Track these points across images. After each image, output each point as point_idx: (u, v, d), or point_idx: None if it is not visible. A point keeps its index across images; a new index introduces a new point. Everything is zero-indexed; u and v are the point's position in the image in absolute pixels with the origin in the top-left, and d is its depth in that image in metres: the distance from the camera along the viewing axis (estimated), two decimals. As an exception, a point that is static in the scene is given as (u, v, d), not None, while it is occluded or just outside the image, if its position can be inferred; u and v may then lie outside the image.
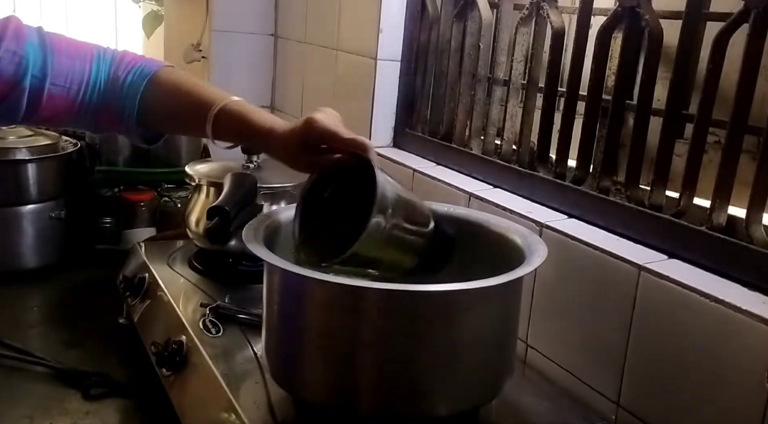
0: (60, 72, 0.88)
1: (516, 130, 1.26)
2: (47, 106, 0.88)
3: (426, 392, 0.81)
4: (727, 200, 0.91)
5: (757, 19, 0.86)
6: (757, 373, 0.78)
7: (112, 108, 0.92)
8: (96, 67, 0.91)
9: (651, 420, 0.91)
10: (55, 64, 0.88)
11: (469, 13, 1.35)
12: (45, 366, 1.27)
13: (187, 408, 1.01)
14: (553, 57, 1.16)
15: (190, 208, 1.39)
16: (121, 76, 0.92)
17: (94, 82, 0.91)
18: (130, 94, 0.92)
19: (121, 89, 0.92)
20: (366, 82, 1.53)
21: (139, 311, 1.28)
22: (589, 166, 1.11)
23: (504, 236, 0.95)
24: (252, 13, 1.95)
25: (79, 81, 0.90)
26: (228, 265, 1.32)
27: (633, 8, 1.01)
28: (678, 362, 0.87)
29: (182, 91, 0.93)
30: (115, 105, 0.92)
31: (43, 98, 0.87)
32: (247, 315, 1.12)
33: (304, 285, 0.82)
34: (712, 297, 0.82)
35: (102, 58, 0.92)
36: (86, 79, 0.90)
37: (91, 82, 0.90)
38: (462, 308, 0.79)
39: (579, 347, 1.02)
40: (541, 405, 0.99)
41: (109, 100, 0.92)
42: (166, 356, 1.08)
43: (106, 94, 0.92)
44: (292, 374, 0.86)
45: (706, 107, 0.92)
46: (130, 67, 0.93)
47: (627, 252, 0.95)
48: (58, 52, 0.88)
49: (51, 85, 0.87)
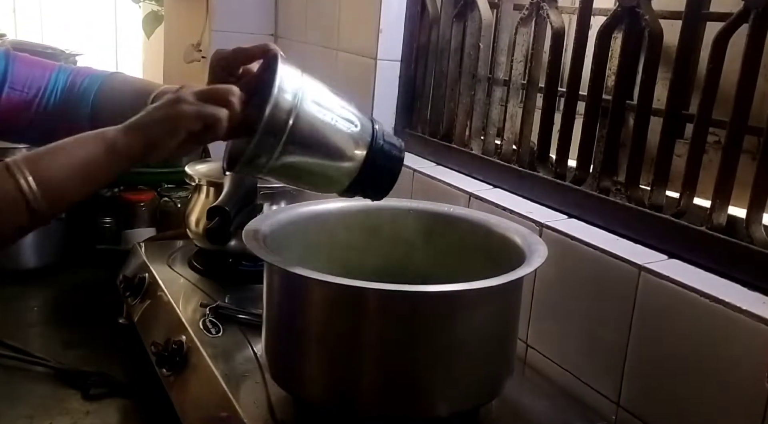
0: (19, 78, 0.93)
1: (516, 131, 1.26)
2: (4, 107, 0.92)
3: (426, 392, 0.81)
4: (727, 200, 0.91)
5: (757, 18, 0.86)
6: (758, 373, 0.78)
7: (68, 112, 0.95)
8: (55, 75, 0.96)
9: (651, 420, 0.91)
10: (15, 70, 0.93)
11: (469, 13, 1.35)
12: (45, 366, 1.27)
13: (187, 408, 1.01)
14: (553, 57, 1.16)
15: (190, 209, 1.39)
16: (78, 81, 0.96)
17: (52, 89, 0.95)
18: (85, 94, 0.95)
19: (78, 91, 0.96)
20: (366, 82, 1.53)
21: (139, 311, 1.28)
22: (589, 166, 1.11)
23: (504, 236, 0.95)
24: (252, 13, 1.95)
25: (38, 86, 0.94)
26: (228, 265, 1.32)
27: (633, 8, 1.01)
28: (678, 362, 0.87)
29: (130, 84, 0.97)
30: (70, 108, 0.95)
31: (0, 99, 0.92)
32: (247, 315, 1.12)
33: (304, 285, 0.82)
34: (712, 297, 0.82)
35: (62, 69, 0.97)
36: (44, 85, 0.94)
37: (48, 88, 0.94)
38: (462, 308, 0.79)
39: (579, 347, 1.02)
40: (541, 405, 0.99)
41: (66, 105, 0.95)
42: (166, 356, 1.08)
43: (63, 99, 0.95)
44: (292, 374, 0.87)
45: (706, 107, 0.92)
46: (86, 74, 0.98)
47: (627, 252, 0.95)
48: (20, 62, 0.94)
49: (9, 89, 0.92)
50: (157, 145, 0.76)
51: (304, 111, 0.74)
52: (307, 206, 1.02)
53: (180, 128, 0.75)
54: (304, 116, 0.74)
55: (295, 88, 0.74)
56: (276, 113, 0.73)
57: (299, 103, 0.74)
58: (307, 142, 0.76)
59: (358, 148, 0.79)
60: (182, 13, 2.25)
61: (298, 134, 0.74)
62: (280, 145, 0.74)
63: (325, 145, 0.77)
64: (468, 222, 1.01)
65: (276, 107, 0.72)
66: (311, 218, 1.01)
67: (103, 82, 0.96)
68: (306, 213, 1.01)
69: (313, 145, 0.76)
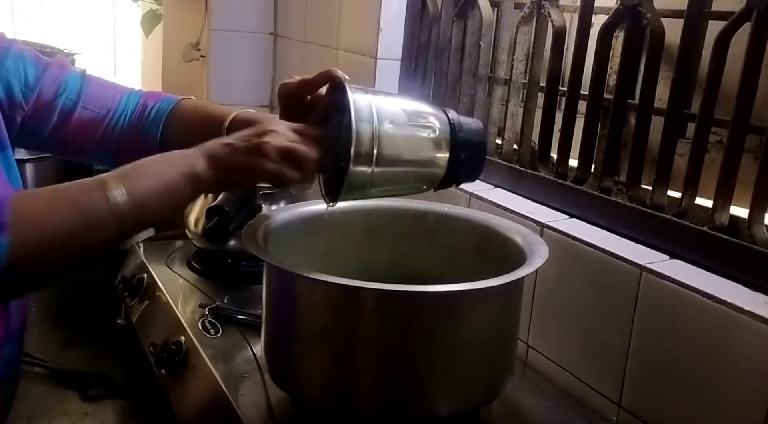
0: (92, 98, 0.97)
1: (517, 130, 1.26)
2: (75, 126, 0.96)
3: (426, 393, 0.80)
4: (729, 200, 0.90)
5: (759, 17, 0.85)
6: (760, 373, 0.77)
7: (138, 134, 0.99)
8: (126, 98, 1.00)
9: (652, 421, 0.91)
10: (89, 91, 0.97)
11: (469, 11, 1.34)
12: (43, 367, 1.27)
13: (186, 409, 1.00)
14: (555, 56, 1.15)
15: (189, 208, 1.38)
16: (150, 105, 1.01)
17: (123, 111, 0.99)
18: (156, 118, 0.99)
19: (149, 115, 1.00)
20: (366, 81, 1.52)
21: (137, 311, 1.28)
22: (590, 165, 1.10)
23: (505, 236, 0.95)
24: (251, 12, 1.95)
25: (109, 107, 0.98)
26: (227, 265, 1.32)
27: (634, 7, 1.01)
28: (680, 363, 0.87)
29: (201, 109, 1.01)
30: (140, 131, 0.99)
31: (72, 117, 0.96)
32: (246, 316, 1.12)
33: (304, 285, 0.82)
34: (714, 298, 0.82)
35: (133, 94, 1.02)
36: (115, 106, 0.99)
37: (119, 110, 0.99)
38: (463, 309, 0.79)
39: (580, 347, 1.01)
40: (541, 406, 0.98)
41: (135, 128, 0.99)
42: (164, 357, 1.08)
43: (132, 122, 1.00)
44: (291, 374, 0.86)
45: (708, 106, 0.92)
46: (158, 98, 1.02)
47: (628, 252, 0.95)
48: (94, 84, 0.98)
49: (82, 108, 0.96)
50: (232, 186, 0.84)
51: (384, 134, 0.78)
52: (307, 206, 1.02)
53: (256, 179, 0.81)
54: (385, 139, 0.78)
55: (370, 114, 0.77)
56: (360, 147, 0.76)
57: (377, 128, 0.77)
58: (394, 161, 0.80)
59: (441, 151, 0.83)
60: (181, 11, 2.25)
61: (385, 157, 0.79)
62: (371, 173, 0.78)
63: (411, 159, 0.82)
64: (468, 222, 1.00)
65: (359, 141, 0.76)
66: (311, 218, 1.00)
67: (175, 108, 1.00)
68: (306, 213, 1.00)
69: (401, 162, 0.81)
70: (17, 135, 0.93)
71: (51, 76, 0.94)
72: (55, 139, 0.97)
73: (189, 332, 1.08)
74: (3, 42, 0.91)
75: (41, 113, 0.93)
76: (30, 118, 0.93)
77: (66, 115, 0.95)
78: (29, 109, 0.92)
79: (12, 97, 0.90)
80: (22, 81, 0.91)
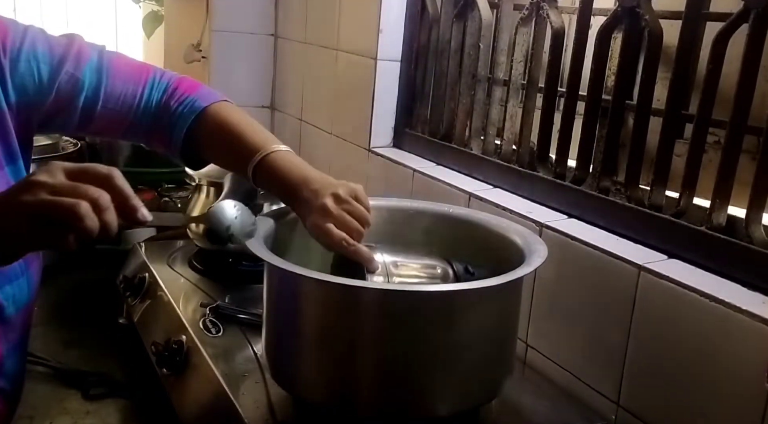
0: (112, 95, 0.92)
1: (516, 130, 1.26)
2: (99, 122, 0.93)
3: (426, 392, 0.81)
4: (726, 200, 0.91)
5: (757, 19, 0.86)
6: (758, 373, 0.78)
7: (162, 132, 0.96)
8: (149, 92, 0.95)
9: (651, 420, 0.91)
10: (108, 86, 0.92)
11: (469, 13, 1.35)
12: (45, 366, 1.27)
13: (187, 408, 1.01)
14: (553, 57, 1.16)
15: (190, 208, 1.39)
16: (173, 106, 0.95)
17: (145, 106, 0.95)
18: (178, 125, 0.95)
19: (171, 117, 0.95)
20: (366, 82, 1.53)
21: (139, 311, 1.28)
22: (589, 166, 1.11)
23: (504, 236, 0.95)
24: (252, 13, 1.95)
25: (130, 104, 0.94)
26: (228, 265, 1.32)
27: (633, 8, 1.01)
28: (678, 362, 0.87)
29: (227, 131, 0.94)
30: (164, 130, 0.96)
31: (94, 116, 0.92)
32: (247, 315, 1.12)
33: (304, 285, 0.82)
34: (711, 297, 0.82)
35: (156, 83, 0.96)
36: (137, 103, 0.94)
37: (142, 106, 0.94)
38: (462, 308, 0.79)
39: (579, 347, 1.02)
40: (541, 405, 0.99)
41: (159, 125, 0.96)
42: (166, 356, 1.08)
43: (156, 118, 0.95)
44: (292, 374, 0.86)
45: (706, 107, 0.92)
46: (182, 99, 0.96)
47: (627, 252, 0.95)
48: (113, 76, 0.92)
49: (102, 107, 0.92)
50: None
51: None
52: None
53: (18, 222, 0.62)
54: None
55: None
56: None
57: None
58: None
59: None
60: (182, 13, 2.26)
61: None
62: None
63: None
64: (468, 222, 1.01)
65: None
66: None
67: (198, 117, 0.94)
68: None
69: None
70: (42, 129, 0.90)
71: (67, 73, 0.88)
72: (83, 132, 0.95)
73: (190, 331, 1.09)
74: (17, 35, 0.85)
75: (63, 114, 0.90)
76: (51, 118, 0.89)
77: (88, 112, 0.91)
78: (47, 109, 0.88)
79: (26, 100, 0.85)
80: (36, 82, 0.86)
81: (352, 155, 1.59)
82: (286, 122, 1.97)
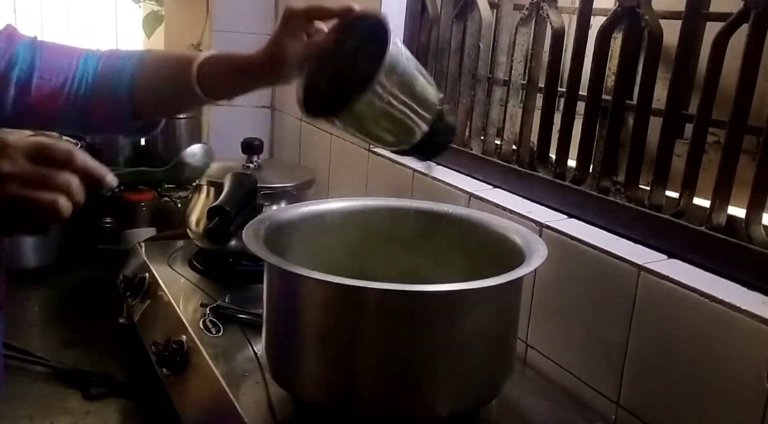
0: (47, 67, 0.93)
1: (516, 131, 1.26)
2: (36, 96, 0.92)
3: (426, 392, 0.81)
4: (726, 200, 0.91)
5: (757, 18, 0.86)
6: (758, 373, 0.78)
7: (105, 94, 0.95)
8: (84, 62, 0.95)
9: (651, 420, 0.91)
10: (42, 60, 0.93)
11: (469, 13, 1.35)
12: (45, 366, 1.27)
13: (188, 408, 1.01)
14: (553, 57, 1.16)
15: (190, 208, 1.39)
16: (114, 61, 0.96)
17: (81, 76, 0.94)
18: (123, 74, 0.94)
19: (113, 71, 0.95)
20: (366, 82, 1.52)
21: (139, 311, 1.29)
22: (588, 166, 1.11)
23: (504, 235, 0.95)
24: (252, 13, 1.95)
25: (66, 74, 0.94)
26: (228, 265, 1.33)
27: (633, 8, 1.01)
28: (678, 362, 0.87)
29: (168, 56, 0.98)
30: (107, 90, 0.95)
31: (31, 90, 0.92)
32: (247, 315, 1.12)
33: (304, 285, 0.82)
34: (711, 297, 0.82)
35: (90, 56, 0.97)
36: (73, 72, 0.94)
37: (77, 75, 0.94)
38: (462, 308, 0.79)
39: (579, 347, 1.02)
40: (541, 405, 0.99)
41: (101, 88, 0.95)
42: (166, 356, 1.08)
43: (96, 83, 0.95)
44: (292, 373, 0.87)
45: (706, 107, 0.92)
46: (122, 54, 0.97)
47: (627, 252, 0.95)
48: (47, 51, 0.94)
49: (38, 79, 0.92)
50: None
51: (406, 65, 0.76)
52: (307, 206, 1.03)
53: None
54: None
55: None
56: (393, 53, 0.74)
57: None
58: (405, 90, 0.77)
59: (437, 101, 0.81)
60: (182, 13, 2.26)
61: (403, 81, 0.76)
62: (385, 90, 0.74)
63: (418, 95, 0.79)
64: (468, 222, 1.01)
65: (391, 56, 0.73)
66: (311, 218, 1.01)
67: (141, 59, 0.95)
68: (306, 213, 1.01)
69: (410, 93, 0.78)
70: None
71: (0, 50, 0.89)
72: (20, 113, 0.93)
73: (190, 331, 1.09)
74: None
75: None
76: None
77: (23, 87, 0.91)
78: None
79: None
80: None
81: (352, 155, 1.58)
82: (286, 122, 1.97)
